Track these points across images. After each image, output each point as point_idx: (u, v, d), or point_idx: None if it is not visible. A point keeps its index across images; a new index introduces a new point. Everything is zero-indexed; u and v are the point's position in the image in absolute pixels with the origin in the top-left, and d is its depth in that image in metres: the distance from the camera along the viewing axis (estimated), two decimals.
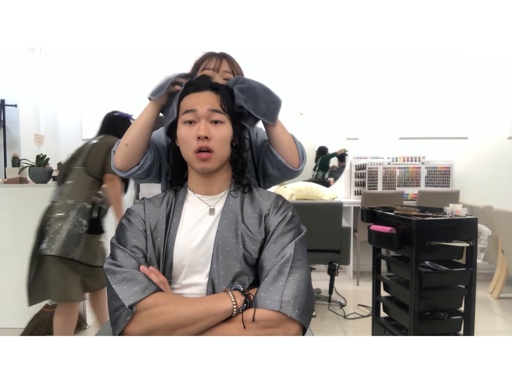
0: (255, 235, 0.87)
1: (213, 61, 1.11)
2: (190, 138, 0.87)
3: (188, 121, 0.88)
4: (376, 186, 3.82)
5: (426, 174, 3.79)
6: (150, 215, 0.91)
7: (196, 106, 0.87)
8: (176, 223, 0.89)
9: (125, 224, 0.90)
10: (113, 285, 0.79)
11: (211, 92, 0.90)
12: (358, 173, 3.89)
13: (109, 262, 0.84)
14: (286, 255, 0.83)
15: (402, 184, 3.81)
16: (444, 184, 3.76)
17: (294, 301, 0.77)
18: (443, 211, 1.82)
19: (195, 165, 0.88)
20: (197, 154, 0.86)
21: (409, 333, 1.70)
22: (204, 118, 0.87)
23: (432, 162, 3.82)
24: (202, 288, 0.85)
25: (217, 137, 0.87)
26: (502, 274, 3.03)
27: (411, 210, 1.88)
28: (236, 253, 0.85)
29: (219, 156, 0.88)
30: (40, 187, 2.45)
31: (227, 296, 0.79)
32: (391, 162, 3.86)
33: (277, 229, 0.87)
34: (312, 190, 3.37)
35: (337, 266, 2.75)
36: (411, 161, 3.85)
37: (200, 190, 0.93)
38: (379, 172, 3.81)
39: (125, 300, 0.76)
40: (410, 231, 1.66)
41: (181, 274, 0.87)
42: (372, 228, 1.85)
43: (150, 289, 0.78)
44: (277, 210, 0.90)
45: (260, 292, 0.79)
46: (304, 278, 0.82)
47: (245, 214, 0.90)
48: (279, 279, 0.80)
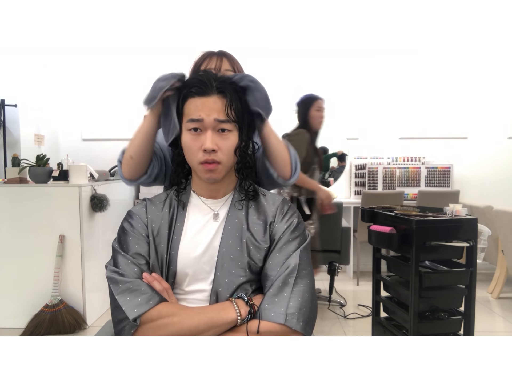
0: (260, 243, 0.85)
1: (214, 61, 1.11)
2: (195, 148, 0.83)
3: (193, 129, 0.83)
4: (376, 186, 3.82)
5: (426, 174, 3.79)
6: (152, 219, 0.88)
7: (202, 114, 0.81)
8: (180, 229, 0.87)
9: (127, 228, 0.87)
10: (116, 296, 0.78)
11: (217, 97, 0.83)
12: (358, 173, 3.89)
13: (111, 270, 0.82)
14: (291, 265, 0.82)
15: (402, 184, 3.81)
16: (444, 184, 3.76)
17: (299, 313, 0.76)
18: (443, 211, 1.82)
19: (201, 175, 0.85)
20: (204, 165, 0.83)
21: (409, 333, 1.70)
22: (211, 128, 0.82)
23: (432, 162, 3.82)
24: (206, 295, 0.84)
25: (224, 148, 0.83)
26: (502, 274, 3.03)
27: (411, 210, 1.88)
28: (240, 261, 0.84)
29: (226, 166, 0.85)
30: (40, 187, 2.45)
31: (231, 306, 0.78)
32: (391, 162, 3.86)
33: (282, 238, 0.85)
34: None
35: (337, 266, 2.75)
36: (411, 161, 3.85)
37: (204, 193, 0.90)
38: (379, 172, 3.81)
39: (129, 312, 0.75)
40: (410, 231, 1.66)
41: (185, 281, 0.86)
42: (372, 228, 1.85)
43: (153, 300, 0.77)
44: (283, 217, 0.88)
45: (264, 303, 0.78)
46: (308, 288, 0.81)
47: (250, 221, 0.87)
48: (284, 290, 0.79)
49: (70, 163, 2.72)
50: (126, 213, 0.92)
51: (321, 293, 3.11)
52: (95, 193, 2.54)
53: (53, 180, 2.54)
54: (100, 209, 2.53)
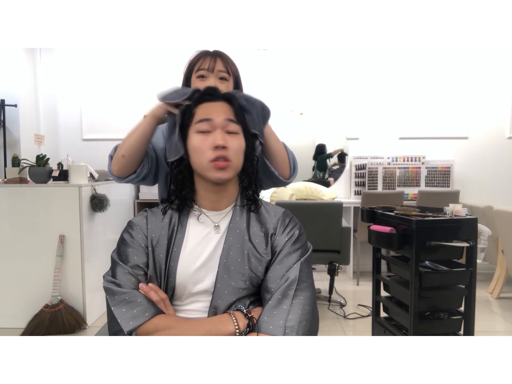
0: (262, 256, 0.85)
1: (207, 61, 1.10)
2: (206, 147, 0.83)
3: (203, 131, 0.84)
4: (376, 186, 3.82)
5: (426, 174, 3.78)
6: (152, 229, 0.87)
7: (211, 115, 0.84)
8: (180, 240, 0.86)
9: (127, 239, 0.87)
10: (112, 307, 0.78)
11: (224, 103, 0.87)
12: (358, 173, 3.88)
13: (108, 280, 0.82)
14: (291, 278, 0.81)
15: (402, 184, 3.81)
16: (444, 184, 3.76)
17: (298, 326, 0.75)
18: (443, 211, 1.81)
19: (211, 175, 0.83)
20: (214, 162, 0.82)
21: (409, 333, 1.70)
22: (220, 127, 0.83)
23: (432, 162, 3.82)
24: (205, 306, 0.84)
25: (234, 147, 0.84)
26: (502, 274, 3.03)
27: (411, 210, 1.88)
28: (241, 273, 0.83)
29: (235, 166, 0.85)
30: (40, 187, 2.45)
31: (229, 319, 0.77)
32: (391, 162, 3.85)
33: (283, 250, 0.85)
34: (312, 190, 3.37)
35: (337, 266, 2.75)
36: (411, 161, 3.84)
37: (206, 205, 0.89)
38: (379, 172, 3.81)
39: (124, 324, 0.75)
40: (410, 231, 1.66)
41: (184, 293, 0.85)
42: (372, 228, 1.85)
43: (149, 312, 0.76)
44: (284, 229, 0.87)
45: (263, 316, 0.77)
46: (309, 301, 0.80)
47: (252, 232, 0.87)
48: (283, 303, 0.78)
49: (70, 163, 2.71)
50: (126, 223, 0.91)
51: (321, 293, 3.11)
52: (95, 193, 2.54)
53: (53, 180, 2.54)
54: (100, 209, 2.53)
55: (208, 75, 1.09)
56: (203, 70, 1.09)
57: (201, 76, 1.10)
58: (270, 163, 1.03)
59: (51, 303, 2.34)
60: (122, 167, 1.00)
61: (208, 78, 1.09)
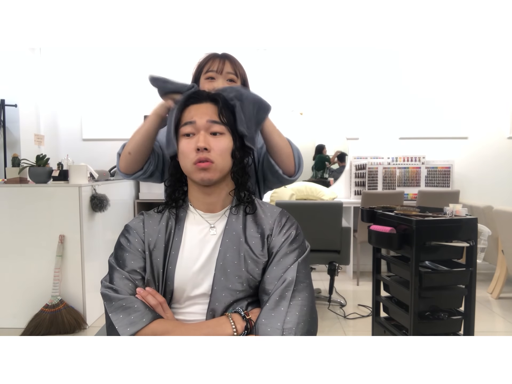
0: (259, 257, 0.84)
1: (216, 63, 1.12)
2: (189, 150, 0.84)
3: (187, 134, 0.85)
4: (376, 186, 3.82)
5: (426, 174, 3.78)
6: (149, 233, 0.87)
7: (195, 117, 0.85)
8: (178, 243, 0.86)
9: (124, 244, 0.87)
10: (109, 314, 0.78)
11: (210, 104, 0.87)
12: (358, 173, 3.88)
13: (105, 286, 0.83)
14: (288, 279, 0.80)
15: (402, 184, 3.81)
16: (444, 184, 3.76)
17: (296, 328, 0.75)
18: (443, 211, 1.82)
19: (195, 176, 0.84)
20: (197, 164, 0.83)
21: (409, 333, 1.70)
22: (204, 129, 0.84)
23: (432, 162, 3.82)
24: (203, 308, 0.83)
25: (217, 149, 0.83)
26: (502, 274, 3.03)
27: (411, 210, 1.88)
28: (238, 275, 0.83)
29: (220, 167, 0.84)
30: (40, 187, 2.45)
31: (227, 322, 0.77)
32: (391, 162, 3.85)
33: (280, 250, 0.84)
34: (312, 190, 3.37)
35: (337, 266, 2.75)
36: (411, 161, 3.84)
37: (201, 207, 0.89)
38: (379, 172, 3.81)
39: (122, 331, 0.75)
40: (410, 231, 1.66)
41: (182, 296, 0.85)
42: (372, 228, 1.85)
43: (147, 318, 0.76)
44: (280, 230, 0.87)
45: (261, 318, 0.77)
46: (307, 302, 0.79)
47: (248, 234, 0.86)
48: (281, 304, 0.77)
49: (70, 163, 2.72)
50: (123, 227, 0.91)
51: (321, 293, 3.11)
52: (95, 193, 2.54)
53: (53, 180, 2.54)
54: (100, 209, 2.53)
55: (217, 76, 1.11)
56: (212, 71, 1.11)
57: (210, 77, 1.12)
58: (274, 160, 1.03)
59: (51, 303, 2.34)
60: (129, 164, 1.04)
61: (217, 80, 1.10)
